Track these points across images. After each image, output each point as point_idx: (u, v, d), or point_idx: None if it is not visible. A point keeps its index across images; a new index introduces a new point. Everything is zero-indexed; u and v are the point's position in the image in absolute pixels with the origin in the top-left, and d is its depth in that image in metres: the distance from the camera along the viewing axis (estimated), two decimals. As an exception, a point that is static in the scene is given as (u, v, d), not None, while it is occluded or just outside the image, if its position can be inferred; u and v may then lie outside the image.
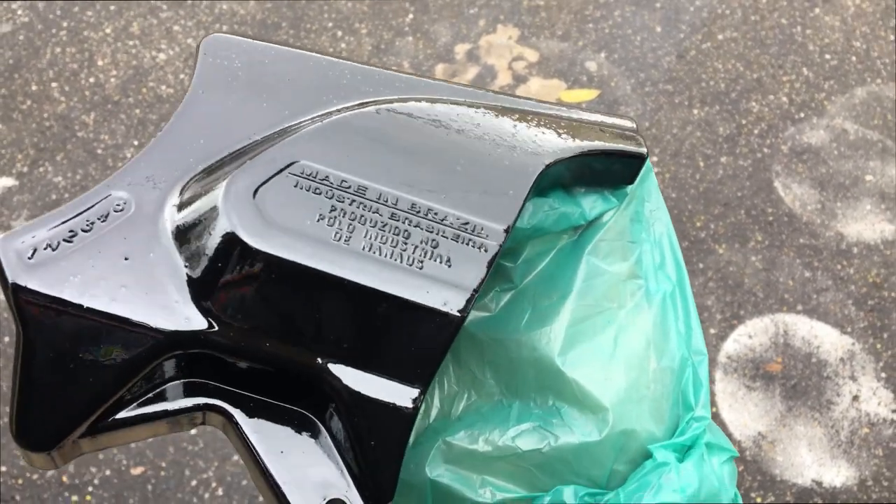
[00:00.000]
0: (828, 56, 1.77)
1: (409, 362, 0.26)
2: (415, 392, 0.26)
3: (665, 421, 0.32)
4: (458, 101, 0.31)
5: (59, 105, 1.64)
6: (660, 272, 0.33)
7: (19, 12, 1.78)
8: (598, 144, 0.31)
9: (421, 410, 0.30)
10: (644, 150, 0.32)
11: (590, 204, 0.33)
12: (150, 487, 1.25)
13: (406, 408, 0.26)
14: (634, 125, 0.33)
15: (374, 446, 0.26)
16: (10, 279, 0.26)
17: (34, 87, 1.66)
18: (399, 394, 0.26)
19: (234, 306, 0.26)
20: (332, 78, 0.30)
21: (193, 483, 1.26)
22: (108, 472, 1.26)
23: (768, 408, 1.35)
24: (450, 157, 0.29)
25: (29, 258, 0.26)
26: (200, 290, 0.26)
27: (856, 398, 1.36)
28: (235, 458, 1.28)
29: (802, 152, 1.63)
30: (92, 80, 1.68)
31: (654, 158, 1.61)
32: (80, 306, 0.25)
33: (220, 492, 1.25)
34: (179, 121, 0.29)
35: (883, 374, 1.38)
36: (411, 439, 0.29)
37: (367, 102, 0.30)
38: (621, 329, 0.32)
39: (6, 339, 1.36)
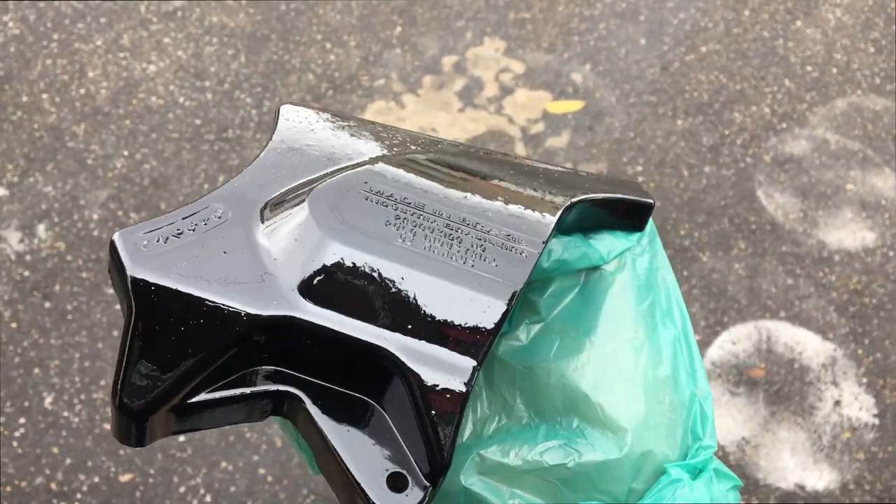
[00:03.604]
0: (809, 68, 1.80)
1: (464, 342, 0.30)
2: (471, 363, 0.30)
3: (677, 447, 0.35)
4: (495, 152, 0.39)
5: (50, 116, 1.65)
6: (667, 318, 0.37)
7: (10, 24, 1.79)
8: (613, 193, 0.37)
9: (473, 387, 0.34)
10: (651, 200, 0.38)
11: (607, 246, 0.37)
12: (139, 494, 1.26)
13: (462, 380, 0.30)
14: (638, 183, 0.39)
15: (434, 416, 0.29)
16: (127, 265, 0.30)
17: (25, 99, 1.68)
18: (457, 367, 0.30)
19: (316, 294, 0.30)
20: (388, 137, 0.37)
21: (182, 490, 1.26)
22: (96, 480, 1.26)
23: (752, 413, 1.36)
24: (494, 189, 0.35)
25: (143, 247, 0.30)
26: (288, 280, 0.31)
27: (838, 403, 1.38)
28: (224, 464, 1.29)
29: (784, 162, 1.66)
30: (82, 91, 1.69)
31: (639, 168, 1.63)
32: (184, 290, 0.30)
33: (208, 498, 1.26)
34: (264, 157, 0.34)
35: (864, 380, 1.40)
36: None
37: (420, 151, 0.37)
38: (642, 362, 0.35)
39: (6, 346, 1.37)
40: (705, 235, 1.55)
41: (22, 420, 1.31)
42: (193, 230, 0.31)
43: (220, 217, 0.32)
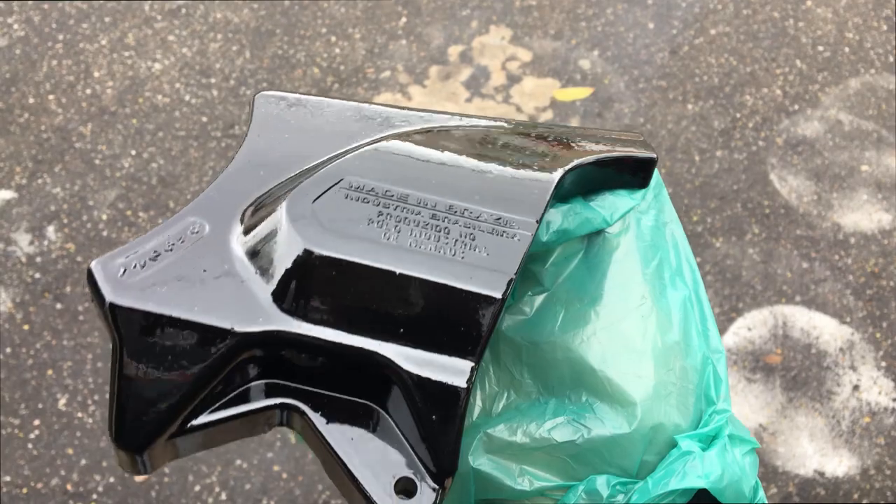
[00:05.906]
0: (821, 48, 1.78)
1: (461, 340, 0.29)
2: (469, 365, 0.29)
3: (690, 414, 0.34)
4: (479, 125, 0.36)
5: (57, 117, 1.65)
6: (677, 277, 0.35)
7: (15, 27, 1.79)
8: (611, 153, 0.35)
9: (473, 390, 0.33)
10: (653, 154, 0.35)
11: (610, 208, 0.35)
12: (154, 494, 1.26)
13: (461, 380, 0.29)
14: (641, 135, 0.37)
15: (436, 420, 0.28)
16: (106, 296, 0.29)
17: (31, 100, 1.67)
18: (455, 368, 0.29)
19: (303, 304, 0.29)
20: (368, 118, 0.35)
21: (197, 488, 1.26)
22: (111, 480, 1.27)
23: (769, 399, 1.35)
24: (481, 167, 0.32)
25: (121, 276, 0.29)
26: (272, 294, 0.29)
27: (856, 388, 1.36)
28: (238, 462, 1.28)
29: (797, 144, 1.64)
30: (88, 91, 1.69)
31: (650, 154, 1.62)
32: (167, 315, 0.29)
33: (223, 496, 1.26)
34: (240, 158, 0.33)
35: (883, 363, 1.38)
36: None
37: (400, 134, 0.34)
38: (650, 330, 0.34)
39: (7, 349, 1.37)
40: (718, 221, 1.53)
41: (36, 422, 1.31)
42: (171, 250, 0.30)
43: (196, 232, 0.30)
